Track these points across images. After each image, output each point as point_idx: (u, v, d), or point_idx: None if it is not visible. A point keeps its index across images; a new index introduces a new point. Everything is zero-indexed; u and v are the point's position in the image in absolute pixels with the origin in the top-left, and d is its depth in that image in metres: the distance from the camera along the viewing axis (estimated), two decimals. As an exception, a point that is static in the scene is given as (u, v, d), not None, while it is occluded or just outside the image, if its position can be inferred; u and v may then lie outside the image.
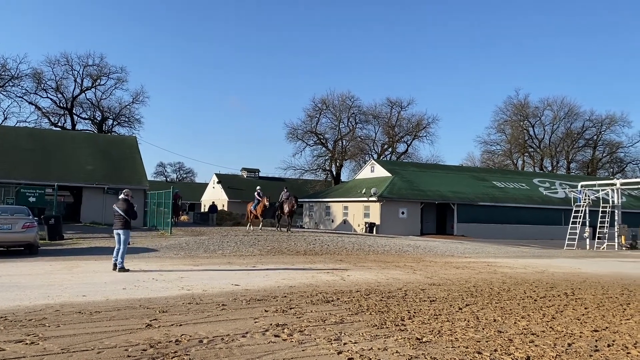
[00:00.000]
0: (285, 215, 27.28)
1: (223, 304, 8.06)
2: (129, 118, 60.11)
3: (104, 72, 57.66)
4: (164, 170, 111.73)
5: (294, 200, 26.56)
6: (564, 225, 33.82)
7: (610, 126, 73.97)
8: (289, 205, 26.46)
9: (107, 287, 9.42)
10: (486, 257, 19.95)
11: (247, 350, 5.48)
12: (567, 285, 11.84)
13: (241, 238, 21.60)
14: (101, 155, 34.90)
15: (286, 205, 26.62)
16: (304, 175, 63.17)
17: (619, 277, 13.92)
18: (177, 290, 9.26)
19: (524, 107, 74.42)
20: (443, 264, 16.11)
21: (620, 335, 6.79)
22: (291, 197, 26.76)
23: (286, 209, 26.78)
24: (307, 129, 63.38)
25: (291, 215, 27.26)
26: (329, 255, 17.81)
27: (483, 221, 39.86)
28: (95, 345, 5.47)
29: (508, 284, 11.67)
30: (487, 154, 77.98)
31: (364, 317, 7.39)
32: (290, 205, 26.38)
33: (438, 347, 5.85)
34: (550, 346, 6.04)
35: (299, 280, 11.00)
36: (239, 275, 11.72)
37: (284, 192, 27.56)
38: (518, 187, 47.07)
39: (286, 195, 27.30)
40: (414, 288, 10.42)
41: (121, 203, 12.32)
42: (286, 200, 26.73)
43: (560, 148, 75.20)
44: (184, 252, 16.73)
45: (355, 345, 5.79)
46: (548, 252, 24.49)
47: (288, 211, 26.73)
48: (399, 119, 66.37)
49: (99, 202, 30.96)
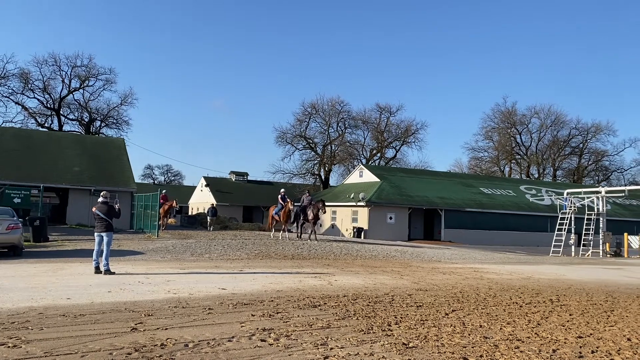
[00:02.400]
0: (310, 222, 24.57)
1: (209, 307, 8.01)
2: (117, 120, 59.80)
3: (92, 73, 57.35)
4: (152, 173, 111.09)
5: (322, 204, 23.71)
6: (550, 232, 34.15)
7: (596, 135, 75.00)
8: (314, 210, 23.87)
9: (92, 290, 9.32)
10: (473, 263, 20.05)
11: (233, 354, 5.45)
12: (552, 291, 11.94)
13: (229, 242, 21.51)
14: (88, 157, 34.62)
15: (310, 210, 24.08)
16: (293, 180, 63.12)
17: (604, 284, 14.06)
18: (163, 294, 9.19)
19: (511, 114, 75.16)
20: (430, 269, 16.16)
21: (604, 341, 6.86)
22: (317, 201, 24.40)
23: (310, 215, 24.08)
24: (297, 133, 63.45)
25: (316, 221, 24.60)
26: (316, 259, 17.79)
27: (470, 227, 40.12)
28: (79, 349, 5.41)
29: (494, 290, 11.74)
30: (475, 160, 78.67)
31: (351, 322, 7.38)
32: (315, 210, 23.75)
33: (424, 352, 5.87)
34: (535, 352, 6.08)
35: (286, 285, 10.97)
36: (226, 279, 11.66)
37: (306, 196, 25.42)
38: (505, 194, 47.45)
39: (308, 199, 25.11)
40: (401, 293, 10.44)
41: (101, 205, 12.20)
42: (310, 205, 24.34)
43: (547, 155, 75.99)
44: (171, 255, 16.61)
45: (341, 350, 5.78)
46: (534, 259, 24.68)
47: (313, 217, 24.02)
48: (388, 124, 66.73)
49: (85, 204, 30.69)
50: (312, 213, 23.88)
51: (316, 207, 23.79)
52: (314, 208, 23.82)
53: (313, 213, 23.84)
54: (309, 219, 24.31)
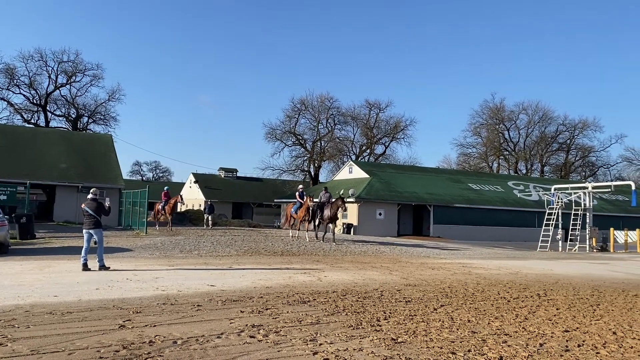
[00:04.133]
0: (325, 222, 22.69)
1: (198, 304, 7.99)
2: (104, 116, 59.29)
3: (79, 69, 56.76)
4: (140, 169, 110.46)
5: (341, 202, 21.50)
6: (538, 227, 34.42)
7: (582, 131, 75.67)
8: (332, 209, 21.84)
9: (79, 288, 9.25)
10: (461, 258, 20.18)
11: (222, 351, 5.44)
12: (539, 286, 12.05)
13: (218, 238, 21.45)
14: (75, 153, 34.30)
15: (327, 209, 22.13)
16: (282, 176, 63.05)
17: (590, 279, 14.22)
18: (151, 291, 9.14)
19: (499, 110, 75.57)
20: (419, 265, 16.24)
21: (590, 335, 6.94)
22: (336, 199, 22.05)
23: (327, 214, 22.14)
24: (286, 129, 63.28)
25: (334, 221, 22.48)
26: (306, 256, 17.80)
27: (459, 223, 40.34)
28: (66, 347, 5.37)
29: (482, 285, 11.82)
30: (463, 156, 79.08)
31: (340, 317, 7.40)
32: (334, 209, 21.75)
33: (413, 347, 5.89)
34: (523, 346, 6.14)
35: (276, 281, 10.97)
36: (215, 275, 11.63)
37: (323, 193, 23.55)
38: (493, 190, 47.76)
39: (326, 196, 23.15)
40: (390, 289, 10.48)
41: (90, 202, 12.15)
42: (327, 204, 22.48)
43: (535, 151, 76.57)
44: (160, 252, 16.53)
45: (330, 346, 5.79)
46: (522, 254, 24.89)
47: (329, 216, 22.02)
48: (377, 120, 66.81)
49: (73, 201, 30.44)
50: (329, 212, 22.03)
51: (335, 205, 21.77)
52: (333, 207, 21.92)
53: (331, 212, 21.95)
54: (324, 218, 22.53)
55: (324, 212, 22.35)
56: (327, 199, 22.94)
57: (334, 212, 21.78)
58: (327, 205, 22.47)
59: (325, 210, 22.29)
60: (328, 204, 22.46)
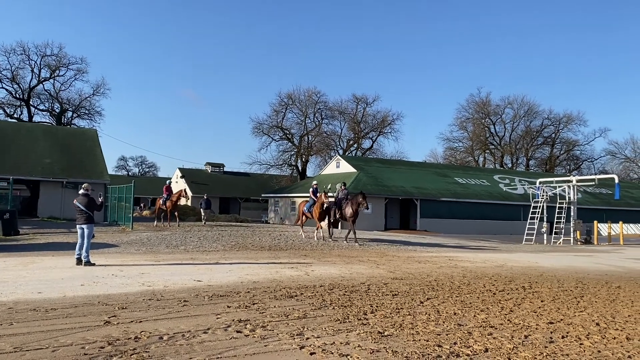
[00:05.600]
0: (349, 220, 20.84)
1: (185, 300, 7.95)
2: (89, 110, 58.73)
3: (62, 63, 56.10)
4: (126, 164, 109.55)
5: (362, 198, 19.94)
6: (523, 220, 34.73)
7: (567, 125, 76.53)
8: (352, 205, 20.30)
9: (64, 284, 9.16)
10: (447, 251, 20.30)
11: (208, 346, 5.42)
12: (524, 278, 12.17)
13: (204, 233, 21.36)
14: (60, 148, 33.90)
15: (348, 205, 20.52)
16: (270, 171, 62.92)
17: (574, 271, 14.40)
18: (137, 287, 9.08)
19: (485, 105, 76.12)
20: (406, 258, 16.32)
21: (574, 327, 7.02)
22: (357, 194, 20.42)
23: (348, 212, 20.52)
24: (273, 123, 63.13)
25: (355, 219, 20.72)
26: (293, 250, 17.80)
27: (445, 216, 40.57)
28: (50, 344, 5.31)
29: (468, 277, 11.91)
30: (450, 150, 79.60)
31: (327, 311, 7.41)
32: (354, 206, 20.17)
33: (399, 340, 5.92)
34: (508, 338, 6.20)
35: (263, 276, 10.95)
36: (201, 270, 11.58)
37: (341, 189, 21.80)
38: (479, 183, 48.09)
39: (344, 192, 21.33)
40: (377, 282, 10.51)
41: (82, 198, 12.14)
42: (347, 200, 20.79)
43: (520, 145, 77.25)
44: (146, 248, 16.42)
45: (317, 340, 5.80)
46: (507, 247, 25.12)
47: (351, 214, 20.41)
48: (365, 115, 66.93)
49: (57, 196, 30.11)
50: (350, 209, 20.38)
51: (355, 201, 20.15)
52: (353, 203, 20.26)
53: (352, 209, 20.30)
54: (347, 217, 20.72)
55: (345, 210, 20.71)
56: (345, 195, 21.20)
57: (355, 208, 20.23)
58: (346, 201, 20.78)
59: (346, 207, 20.63)
60: (347, 200, 20.80)
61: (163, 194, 26.41)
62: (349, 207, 20.48)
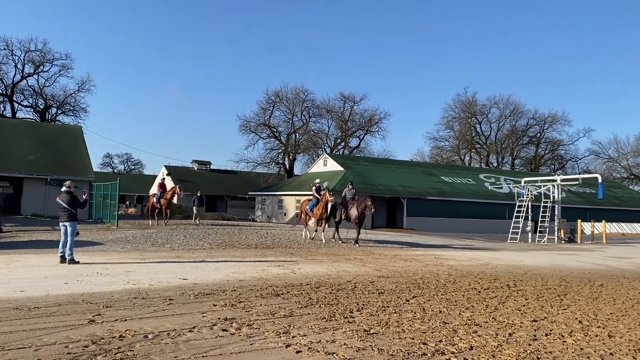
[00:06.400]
0: (352, 222, 20.20)
1: (170, 298, 7.90)
2: (74, 107, 58.11)
3: (47, 59, 55.41)
4: (111, 162, 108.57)
5: (370, 201, 19.15)
6: (508, 219, 35.06)
7: (552, 124, 77.40)
8: (359, 207, 19.56)
9: (47, 282, 9.05)
10: (433, 249, 20.41)
11: (193, 345, 5.39)
12: (509, 277, 12.28)
13: (190, 231, 21.25)
14: (43, 145, 33.47)
15: (354, 207, 19.78)
16: (257, 168, 62.79)
17: (558, 269, 14.56)
18: (122, 285, 9.00)
19: (471, 104, 76.64)
20: (392, 256, 16.38)
21: (557, 324, 7.10)
22: (365, 197, 19.73)
23: (353, 214, 19.79)
24: (260, 121, 62.93)
25: (361, 222, 20.00)
26: (280, 248, 17.77)
27: (431, 215, 40.81)
28: (33, 343, 5.24)
29: (454, 276, 11.99)
30: (436, 149, 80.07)
31: (314, 310, 7.41)
32: (361, 207, 19.45)
33: (385, 338, 5.94)
34: (493, 336, 6.25)
35: (249, 274, 10.92)
36: (187, 269, 11.52)
37: (348, 190, 21.11)
38: (465, 182, 48.43)
39: (351, 193, 20.75)
40: (363, 280, 10.54)
41: (64, 195, 12.00)
42: (353, 201, 20.16)
43: (506, 145, 77.94)
44: (131, 246, 16.29)
45: (303, 338, 5.80)
46: (492, 245, 25.33)
47: (357, 216, 19.72)
48: (352, 113, 67.00)
49: (41, 193, 29.75)
50: (356, 211, 19.66)
51: (362, 203, 19.46)
52: (360, 205, 19.56)
53: (358, 211, 19.59)
54: (351, 218, 20.00)
55: (350, 211, 19.94)
56: (352, 195, 20.54)
57: (360, 210, 19.52)
58: (352, 202, 20.12)
59: (352, 208, 19.90)
60: (353, 201, 20.17)
61: (156, 192, 25.61)
62: (354, 208, 19.80)
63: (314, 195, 21.00)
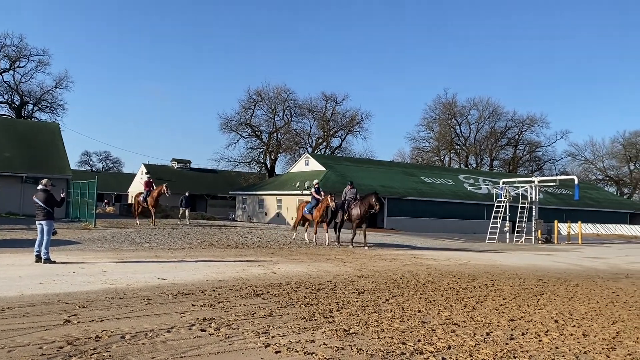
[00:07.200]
0: (353, 222, 19.42)
1: (148, 298, 7.81)
2: (51, 103, 57.14)
3: (23, 54, 54.35)
4: (90, 160, 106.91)
5: (374, 198, 18.46)
6: (486, 219, 35.45)
7: (530, 127, 78.56)
8: (362, 207, 18.84)
9: (22, 282, 8.87)
10: (413, 249, 20.54)
11: (171, 345, 5.34)
12: (487, 277, 12.42)
13: (169, 231, 21.05)
14: (19, 142, 32.82)
15: (356, 207, 19.09)
16: (238, 168, 62.49)
17: (535, 269, 14.78)
18: (99, 285, 8.88)
19: (451, 106, 77.37)
20: (372, 256, 16.44)
21: (533, 324, 7.21)
22: (368, 195, 18.88)
23: (356, 213, 19.04)
24: (242, 120, 62.66)
25: (362, 222, 19.28)
26: (260, 248, 17.71)
27: (411, 215, 41.10)
28: (6, 344, 5.13)
29: (433, 275, 12.09)
30: (417, 150, 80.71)
31: (293, 309, 7.40)
32: (364, 207, 18.75)
33: (364, 338, 5.96)
34: (470, 335, 6.32)
35: (229, 274, 10.86)
36: (166, 268, 11.41)
37: (349, 189, 20.33)
38: (444, 183, 48.87)
39: (352, 192, 19.97)
40: (344, 280, 10.56)
41: (40, 194, 11.81)
42: (355, 201, 19.44)
43: (485, 146, 78.86)
44: (109, 245, 16.07)
45: (283, 338, 5.79)
46: (471, 245, 25.60)
47: (359, 215, 18.96)
48: (334, 113, 67.13)
49: (16, 191, 29.18)
50: (358, 210, 18.96)
51: (366, 202, 18.72)
52: (363, 204, 18.84)
53: (361, 210, 18.85)
54: (352, 218, 19.28)
55: (352, 211, 19.24)
56: (353, 195, 19.84)
57: (364, 210, 18.85)
58: (354, 202, 19.48)
59: (354, 208, 19.25)
60: (356, 201, 19.53)
61: (143, 190, 24.88)
62: (356, 208, 19.15)
63: (313, 197, 20.25)
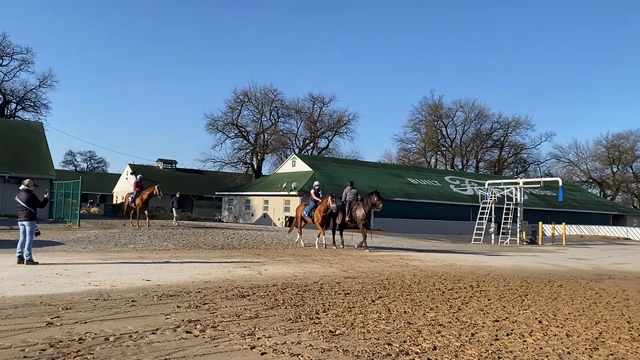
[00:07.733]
0: (359, 223, 18.85)
1: (133, 300, 7.74)
2: (34, 102, 56.47)
3: (6, 52, 53.65)
4: (74, 160, 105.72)
5: (377, 198, 18.06)
6: (472, 220, 35.69)
7: (515, 129, 79.36)
8: (365, 207, 18.33)
9: (3, 283, 8.73)
10: (399, 250, 20.61)
11: (156, 347, 5.29)
12: (472, 277, 12.50)
13: (155, 232, 20.89)
14: (2, 142, 32.40)
15: (360, 207, 18.52)
16: (224, 168, 62.25)
17: (520, 270, 14.90)
18: (83, 286, 8.77)
19: (438, 108, 77.89)
20: (359, 257, 16.46)
21: (518, 324, 7.27)
22: (370, 195, 18.48)
23: (359, 214, 18.48)
24: (228, 120, 62.44)
25: (366, 223, 18.87)
26: (247, 249, 17.65)
27: (398, 216, 41.23)
28: (-13, 347, 5.05)
29: (419, 276, 12.13)
30: (403, 151, 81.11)
31: (279, 311, 7.38)
32: (367, 206, 18.27)
33: (350, 339, 5.96)
34: (456, 336, 6.35)
35: (215, 275, 10.80)
36: (151, 270, 11.30)
37: (349, 189, 19.75)
38: (431, 184, 49.15)
39: (352, 193, 19.40)
40: (330, 281, 10.56)
41: (22, 194, 11.66)
42: (357, 202, 18.91)
43: (470, 148, 79.48)
44: (93, 246, 15.90)
45: (269, 340, 5.77)
46: (457, 246, 25.74)
47: (363, 216, 18.43)
48: (321, 114, 67.26)
49: (-1, 191, 28.76)
50: (362, 210, 18.40)
51: (369, 202, 18.27)
52: (366, 204, 18.35)
53: (364, 210, 18.35)
54: (357, 219, 18.70)
55: (357, 213, 18.66)
56: (354, 196, 19.29)
57: (367, 209, 18.40)
58: (356, 203, 18.91)
59: (357, 209, 18.70)
60: (357, 201, 18.97)
61: (133, 191, 24.38)
62: (360, 208, 18.57)
63: (312, 198, 19.70)
